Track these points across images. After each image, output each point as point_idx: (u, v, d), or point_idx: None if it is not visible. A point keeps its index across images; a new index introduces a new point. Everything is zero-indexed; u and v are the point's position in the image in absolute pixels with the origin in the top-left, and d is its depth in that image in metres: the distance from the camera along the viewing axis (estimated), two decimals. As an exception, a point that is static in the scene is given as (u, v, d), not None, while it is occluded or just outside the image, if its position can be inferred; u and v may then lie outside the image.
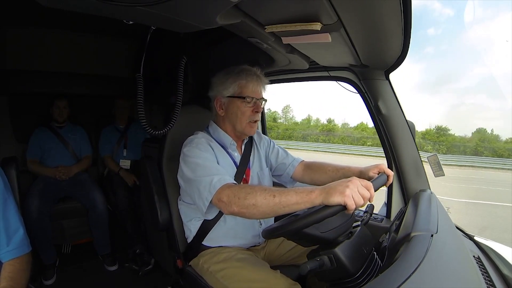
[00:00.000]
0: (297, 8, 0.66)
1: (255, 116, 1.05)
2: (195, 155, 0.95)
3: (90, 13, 0.60)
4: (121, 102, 2.27)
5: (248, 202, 0.77)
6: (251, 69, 1.07)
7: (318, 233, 0.73)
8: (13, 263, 0.84)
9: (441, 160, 1.23)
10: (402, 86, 35.36)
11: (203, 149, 0.98)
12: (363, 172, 0.99)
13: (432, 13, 65.49)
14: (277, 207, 0.74)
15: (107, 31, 1.93)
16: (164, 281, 1.66)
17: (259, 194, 0.76)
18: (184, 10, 0.60)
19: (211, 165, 0.93)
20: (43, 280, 1.72)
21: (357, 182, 0.69)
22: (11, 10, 1.54)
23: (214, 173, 0.88)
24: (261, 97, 1.07)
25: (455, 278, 0.62)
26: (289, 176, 1.22)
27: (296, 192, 0.72)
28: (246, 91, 1.03)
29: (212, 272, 0.98)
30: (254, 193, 0.77)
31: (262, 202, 0.75)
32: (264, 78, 1.09)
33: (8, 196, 0.89)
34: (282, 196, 0.73)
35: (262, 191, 0.77)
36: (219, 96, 1.06)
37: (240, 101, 1.03)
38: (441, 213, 0.95)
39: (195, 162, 0.93)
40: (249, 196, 0.77)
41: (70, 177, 1.98)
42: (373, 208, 1.00)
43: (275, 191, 0.75)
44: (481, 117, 51.33)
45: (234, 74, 1.05)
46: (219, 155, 1.04)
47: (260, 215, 0.78)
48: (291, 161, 1.22)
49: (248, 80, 1.03)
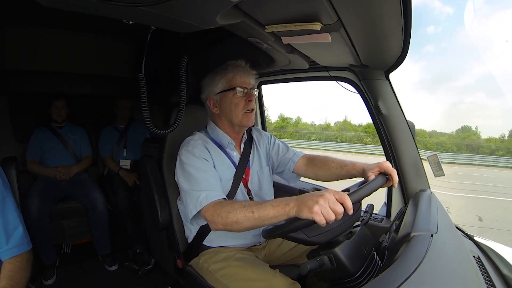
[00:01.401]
0: (297, 8, 0.66)
1: (249, 105, 1.04)
2: (189, 162, 0.96)
3: (90, 13, 0.60)
4: (123, 102, 2.27)
5: (230, 220, 0.80)
6: (235, 62, 1.08)
7: (305, 237, 0.72)
8: (13, 261, 0.84)
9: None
10: (401, 85, 35.93)
11: (198, 154, 0.98)
12: (366, 170, 0.95)
13: (432, 11, 65.54)
14: (258, 222, 0.76)
15: (107, 31, 1.93)
16: (164, 281, 1.66)
17: (239, 212, 0.79)
18: (184, 10, 0.60)
19: (203, 177, 0.93)
20: (43, 280, 1.72)
21: (329, 196, 0.67)
22: (11, 10, 1.54)
23: (203, 188, 0.90)
24: (251, 87, 1.06)
25: (455, 278, 0.62)
26: (290, 172, 1.19)
27: (273, 205, 0.74)
28: (234, 83, 1.03)
29: (212, 272, 0.98)
30: (234, 211, 0.79)
31: (243, 219, 0.78)
32: (251, 69, 1.09)
33: (7, 194, 0.88)
34: (260, 211, 0.76)
35: (242, 208, 0.79)
36: (210, 95, 1.07)
37: (232, 94, 1.03)
38: (441, 213, 0.95)
39: (188, 171, 0.95)
40: (230, 214, 0.80)
41: (70, 177, 1.98)
42: (373, 208, 1.00)
43: (253, 207, 0.77)
44: (479, 115, 51.50)
45: (221, 71, 1.06)
46: (216, 157, 1.04)
47: (245, 230, 0.81)
48: (291, 156, 1.19)
49: (235, 73, 1.04)
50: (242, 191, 1.08)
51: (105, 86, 2.26)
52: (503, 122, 40.39)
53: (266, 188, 1.16)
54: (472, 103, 55.70)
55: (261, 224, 0.77)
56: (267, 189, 1.17)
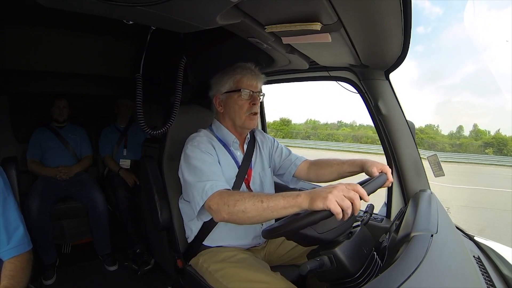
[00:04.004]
0: (297, 8, 0.66)
1: (253, 108, 1.06)
2: (195, 156, 0.96)
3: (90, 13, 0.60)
4: (124, 101, 2.28)
5: (238, 209, 0.78)
6: (245, 65, 1.09)
7: (316, 234, 0.73)
8: (14, 261, 0.84)
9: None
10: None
11: (204, 149, 0.98)
12: (366, 165, 0.98)
13: (422, 11, 65.74)
14: (266, 212, 0.75)
15: (107, 31, 1.93)
16: (164, 281, 1.66)
17: (248, 200, 0.77)
18: (184, 10, 0.60)
19: (208, 168, 0.93)
20: (43, 280, 1.72)
21: (342, 186, 0.67)
22: (11, 10, 1.54)
23: (209, 178, 0.89)
24: (258, 91, 1.08)
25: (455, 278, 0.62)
26: (291, 175, 1.21)
27: (283, 196, 0.73)
28: (241, 85, 1.05)
29: (211, 272, 0.98)
30: (243, 200, 0.78)
31: (251, 208, 0.76)
32: (260, 73, 1.10)
33: (8, 195, 0.89)
34: (270, 201, 0.74)
35: (251, 197, 0.78)
36: (217, 94, 1.09)
37: (237, 95, 1.04)
38: (441, 213, 0.95)
39: (194, 164, 0.94)
40: (238, 203, 0.78)
41: (70, 177, 1.98)
42: (373, 208, 1.00)
43: (263, 197, 0.76)
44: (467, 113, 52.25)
45: (230, 71, 1.08)
46: (221, 154, 1.04)
47: (249, 221, 0.79)
48: (293, 160, 1.22)
49: (243, 74, 1.05)
50: (244, 191, 1.08)
51: (105, 86, 2.27)
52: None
53: (267, 189, 1.17)
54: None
55: (269, 216, 0.75)
56: (269, 190, 1.18)
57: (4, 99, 2.12)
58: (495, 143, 26.94)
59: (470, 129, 32.60)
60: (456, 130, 32.62)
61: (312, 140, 25.26)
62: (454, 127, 34.06)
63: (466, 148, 24.46)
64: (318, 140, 25.92)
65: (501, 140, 27.31)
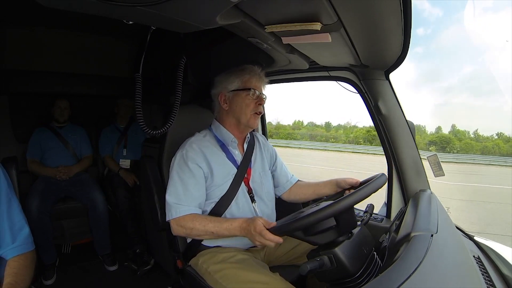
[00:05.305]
0: (297, 8, 0.66)
1: (258, 108, 1.09)
2: (179, 170, 1.03)
3: (90, 13, 0.60)
4: (124, 101, 2.28)
5: (192, 233, 0.99)
6: (252, 67, 1.12)
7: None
8: (18, 259, 0.85)
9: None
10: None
11: (191, 162, 1.02)
12: (338, 182, 1.11)
13: (422, 13, 65.93)
14: (214, 236, 0.98)
15: (107, 31, 1.93)
16: (164, 281, 1.66)
17: (201, 230, 0.96)
18: (184, 10, 0.60)
19: (183, 192, 1.00)
20: (43, 280, 1.72)
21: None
22: (11, 10, 1.54)
23: (180, 202, 1.00)
24: (262, 93, 1.12)
25: (455, 278, 0.62)
26: (284, 190, 1.27)
27: (228, 229, 0.94)
28: (249, 84, 1.08)
29: (211, 273, 0.98)
30: (196, 229, 0.97)
31: (203, 235, 0.99)
32: (264, 77, 1.14)
33: (12, 195, 0.90)
34: (219, 231, 0.95)
35: (203, 226, 0.96)
36: (223, 91, 1.10)
37: (245, 94, 1.07)
38: (441, 213, 0.95)
39: (173, 178, 1.03)
40: (193, 230, 0.97)
41: (70, 177, 1.98)
42: (373, 208, 1.00)
43: (212, 228, 0.95)
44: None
45: (237, 71, 1.11)
46: (214, 158, 1.07)
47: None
48: (289, 178, 1.27)
49: (251, 75, 1.09)
50: (243, 189, 1.09)
51: (105, 86, 2.26)
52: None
53: (268, 190, 1.17)
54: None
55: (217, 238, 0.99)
56: (269, 190, 1.18)
57: (4, 99, 2.12)
58: (438, 141, 28.46)
59: (449, 130, 33.29)
60: (435, 131, 33.25)
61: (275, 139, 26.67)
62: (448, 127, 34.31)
63: (418, 146, 25.97)
64: (279, 139, 27.36)
65: (444, 138, 29.20)
